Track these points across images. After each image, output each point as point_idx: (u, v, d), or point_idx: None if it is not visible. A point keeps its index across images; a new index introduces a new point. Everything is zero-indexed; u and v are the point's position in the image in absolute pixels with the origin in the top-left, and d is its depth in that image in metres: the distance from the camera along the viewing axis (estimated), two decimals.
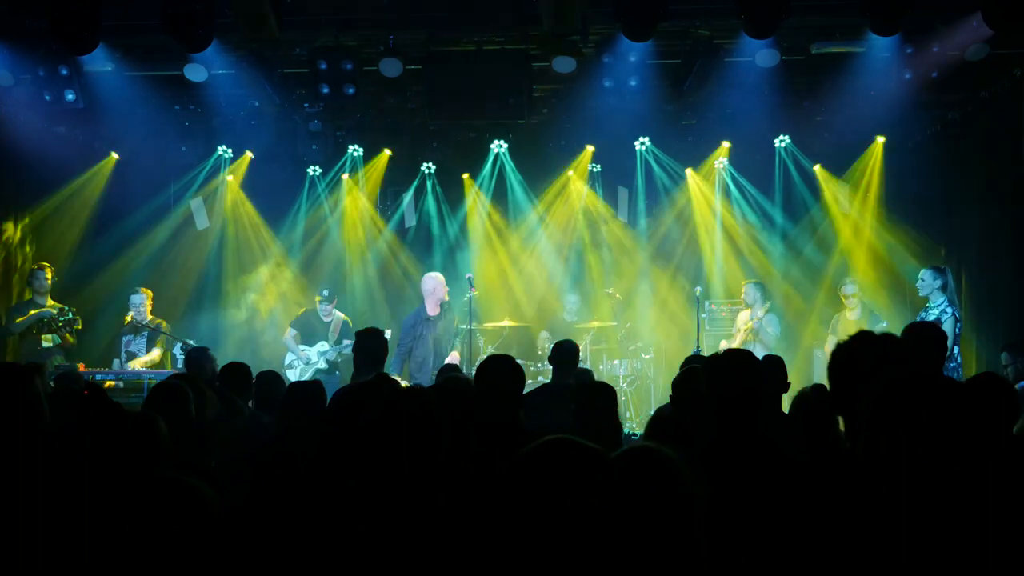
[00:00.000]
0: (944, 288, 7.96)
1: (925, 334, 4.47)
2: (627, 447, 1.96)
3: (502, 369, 3.88)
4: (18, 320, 8.74)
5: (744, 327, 9.64)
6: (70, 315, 8.85)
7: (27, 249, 9.95)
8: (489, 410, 3.73)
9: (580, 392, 4.51)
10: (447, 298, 9.34)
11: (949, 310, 7.79)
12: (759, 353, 7.48)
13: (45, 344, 8.72)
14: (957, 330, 7.73)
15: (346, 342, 9.84)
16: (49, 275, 8.95)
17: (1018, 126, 8.76)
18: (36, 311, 8.78)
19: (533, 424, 4.11)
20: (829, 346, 9.69)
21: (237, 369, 5.84)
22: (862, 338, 2.71)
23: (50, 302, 8.97)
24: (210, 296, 11.31)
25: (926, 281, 8.02)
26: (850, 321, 9.40)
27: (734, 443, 3.02)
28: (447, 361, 8.97)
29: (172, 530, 1.89)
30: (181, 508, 1.92)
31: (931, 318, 7.80)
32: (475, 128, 10.98)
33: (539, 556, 1.74)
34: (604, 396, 4.39)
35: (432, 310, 9.18)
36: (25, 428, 3.13)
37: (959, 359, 7.75)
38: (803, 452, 4.07)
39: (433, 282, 9.32)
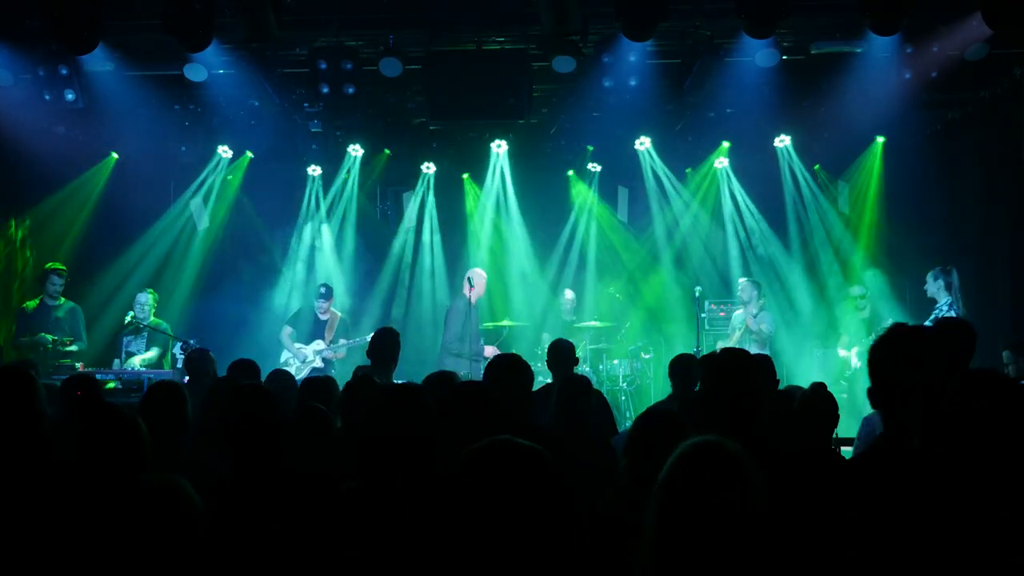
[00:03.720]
0: (948, 288, 8.03)
1: (955, 330, 4.51)
2: (692, 441, 1.96)
3: (510, 367, 3.89)
4: (22, 339, 8.77)
5: (740, 325, 9.63)
6: (62, 349, 8.82)
7: (27, 251, 9.94)
8: (501, 409, 3.71)
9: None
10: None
11: (945, 308, 7.82)
12: (754, 351, 7.50)
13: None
14: None
15: (341, 341, 9.83)
16: (62, 279, 8.97)
17: (1018, 126, 8.76)
18: (40, 336, 8.74)
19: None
20: (843, 345, 9.67)
21: (245, 366, 5.70)
22: (902, 333, 2.69)
23: (62, 300, 9.00)
24: (209, 296, 11.30)
25: (930, 282, 8.14)
26: (859, 320, 9.54)
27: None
28: (485, 354, 9.15)
29: (147, 531, 1.90)
30: (156, 510, 1.93)
31: (932, 317, 7.84)
32: (475, 128, 10.97)
33: (482, 553, 1.76)
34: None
35: (473, 301, 9.35)
36: (20, 432, 3.12)
37: None
38: (805, 450, 4.07)
39: (480, 279, 9.57)
